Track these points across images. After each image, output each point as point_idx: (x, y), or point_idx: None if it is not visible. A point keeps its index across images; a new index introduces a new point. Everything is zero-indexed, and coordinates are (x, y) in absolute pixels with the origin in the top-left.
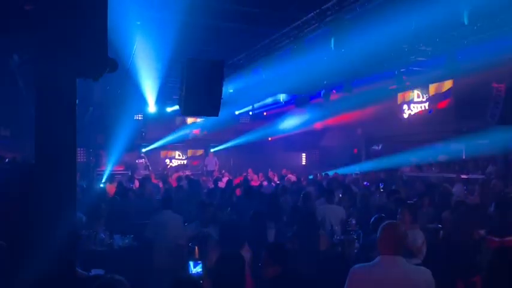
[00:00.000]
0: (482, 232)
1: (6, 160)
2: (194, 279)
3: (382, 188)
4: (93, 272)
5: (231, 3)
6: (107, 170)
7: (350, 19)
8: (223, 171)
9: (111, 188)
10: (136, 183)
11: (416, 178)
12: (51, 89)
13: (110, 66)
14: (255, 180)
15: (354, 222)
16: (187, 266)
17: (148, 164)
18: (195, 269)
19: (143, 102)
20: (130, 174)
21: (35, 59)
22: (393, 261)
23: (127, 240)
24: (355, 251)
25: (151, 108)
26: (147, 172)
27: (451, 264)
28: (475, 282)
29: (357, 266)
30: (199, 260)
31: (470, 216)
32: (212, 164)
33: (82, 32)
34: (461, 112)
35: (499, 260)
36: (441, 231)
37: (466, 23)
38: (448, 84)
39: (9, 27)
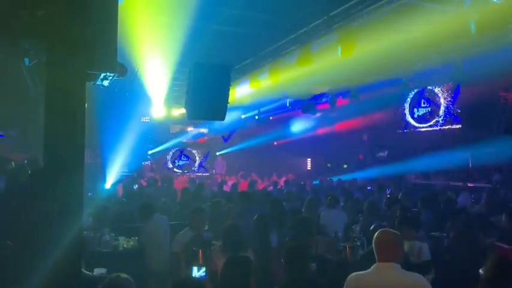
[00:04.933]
0: (489, 240)
1: (13, 164)
2: (198, 281)
3: (389, 194)
4: (96, 271)
5: (239, 9)
6: (114, 172)
7: (357, 26)
8: (225, 176)
9: (120, 190)
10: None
11: (422, 185)
12: (61, 92)
13: (119, 71)
14: (259, 184)
15: (358, 229)
16: (191, 270)
17: (154, 166)
18: (198, 273)
19: (150, 104)
20: (136, 176)
21: (46, 63)
22: (388, 268)
23: (132, 242)
24: (358, 258)
25: (159, 111)
26: (152, 174)
27: (455, 272)
28: None
29: (353, 274)
30: (203, 264)
31: (475, 224)
32: (220, 167)
33: (92, 37)
34: (467, 120)
35: (499, 273)
36: (445, 240)
37: (473, 32)
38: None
39: (21, 31)
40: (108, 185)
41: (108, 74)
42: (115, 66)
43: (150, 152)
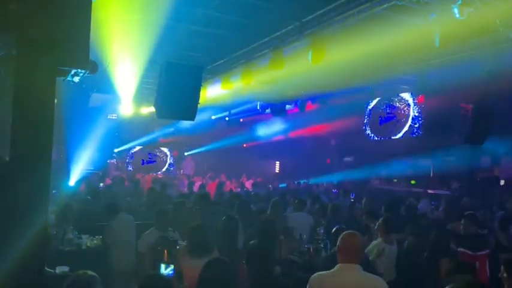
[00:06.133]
0: (453, 246)
1: None
2: (165, 278)
3: (353, 198)
4: (58, 269)
5: (213, 10)
6: (78, 169)
7: (328, 34)
8: (194, 176)
9: (83, 187)
10: (108, 183)
11: (385, 191)
12: (30, 87)
13: (90, 68)
14: (227, 186)
15: (322, 231)
16: (158, 267)
17: (120, 164)
18: (166, 270)
19: (118, 101)
20: (101, 174)
21: (16, 57)
22: (351, 269)
23: (95, 241)
24: (322, 259)
25: (127, 108)
26: (118, 173)
27: (414, 275)
28: None
29: (316, 274)
30: (171, 262)
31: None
32: (189, 167)
33: (64, 33)
34: (430, 129)
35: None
36: (405, 243)
37: (437, 45)
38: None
39: None
40: (72, 182)
41: (79, 70)
42: (86, 63)
43: (116, 150)
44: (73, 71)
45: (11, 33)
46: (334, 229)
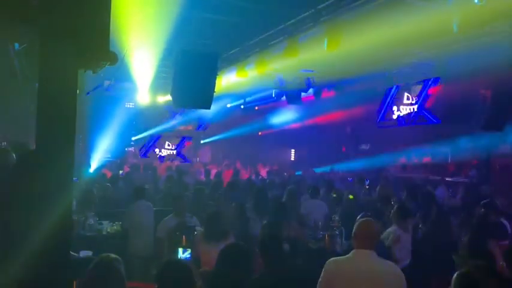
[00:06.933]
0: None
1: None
2: (184, 262)
3: (368, 186)
4: (82, 253)
5: None
6: (97, 157)
7: (344, 20)
8: (209, 164)
9: (108, 174)
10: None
11: (401, 178)
12: (54, 78)
13: (111, 59)
14: (243, 174)
15: (337, 218)
16: (176, 252)
17: (137, 152)
18: (184, 254)
19: (135, 90)
20: (119, 162)
21: (38, 49)
22: (366, 255)
23: (115, 227)
24: (337, 246)
25: (144, 97)
26: (135, 160)
27: (428, 261)
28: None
29: (332, 259)
30: (188, 246)
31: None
32: (206, 155)
33: (85, 25)
34: (448, 116)
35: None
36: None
37: (455, 31)
38: (437, 88)
39: (14, 17)
40: (92, 169)
41: (100, 62)
42: (107, 54)
43: (133, 138)
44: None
45: (32, 25)
46: (359, 216)
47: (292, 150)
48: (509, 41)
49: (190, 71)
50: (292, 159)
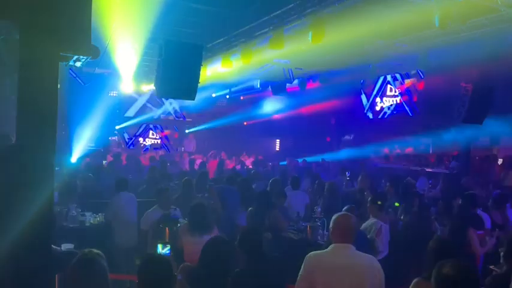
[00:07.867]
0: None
1: None
2: (164, 258)
3: (349, 177)
4: (63, 246)
5: None
6: (80, 146)
7: (329, 13)
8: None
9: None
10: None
11: (383, 169)
12: (34, 72)
13: (92, 53)
14: (228, 164)
15: (319, 209)
16: (156, 247)
17: (121, 141)
18: (163, 250)
19: (119, 79)
20: (103, 150)
21: (19, 43)
22: (343, 248)
23: (98, 218)
24: (319, 237)
25: (127, 86)
26: (119, 150)
27: (409, 252)
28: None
29: (312, 253)
30: (168, 242)
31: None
32: (191, 145)
33: (66, 19)
34: (430, 108)
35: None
36: (400, 222)
37: (437, 25)
38: (420, 81)
39: None
40: (74, 159)
41: (81, 56)
42: (88, 49)
43: (117, 127)
44: (75, 57)
45: (13, 19)
46: (344, 208)
47: (277, 141)
48: (490, 36)
49: (175, 61)
50: (277, 149)
